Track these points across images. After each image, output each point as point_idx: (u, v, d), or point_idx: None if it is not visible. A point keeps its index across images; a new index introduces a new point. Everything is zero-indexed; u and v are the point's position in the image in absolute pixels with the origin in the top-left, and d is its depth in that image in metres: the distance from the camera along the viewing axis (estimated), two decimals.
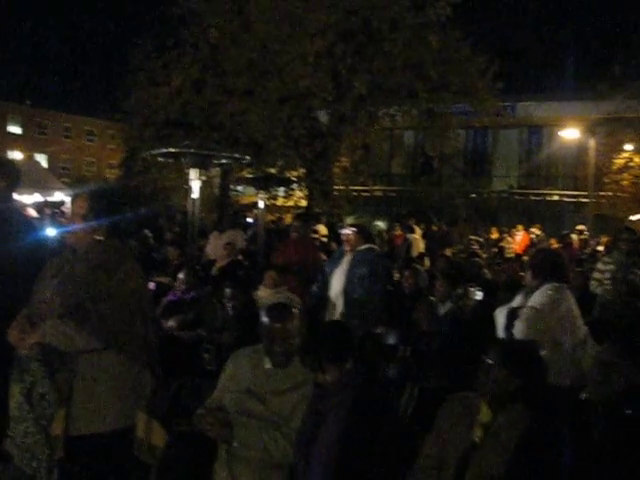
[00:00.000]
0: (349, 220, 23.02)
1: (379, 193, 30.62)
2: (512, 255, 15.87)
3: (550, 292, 4.52)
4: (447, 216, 23.30)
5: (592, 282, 7.61)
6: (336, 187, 21.70)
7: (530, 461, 3.05)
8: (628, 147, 27.36)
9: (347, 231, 6.43)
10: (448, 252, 13.33)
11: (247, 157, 11.31)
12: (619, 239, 7.71)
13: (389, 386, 4.39)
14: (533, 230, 21.74)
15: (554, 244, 20.20)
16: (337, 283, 6.22)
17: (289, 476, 3.49)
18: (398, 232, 17.09)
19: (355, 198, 24.77)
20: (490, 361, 3.25)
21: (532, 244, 20.17)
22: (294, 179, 19.41)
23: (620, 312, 6.61)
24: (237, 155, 11.05)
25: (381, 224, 25.71)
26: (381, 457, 3.24)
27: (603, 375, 3.39)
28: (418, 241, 13.65)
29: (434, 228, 17.53)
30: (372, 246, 6.42)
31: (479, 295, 5.85)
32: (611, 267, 7.37)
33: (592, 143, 25.21)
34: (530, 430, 3.14)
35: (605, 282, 7.26)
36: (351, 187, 23.05)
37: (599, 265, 7.84)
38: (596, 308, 7.07)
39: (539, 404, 3.23)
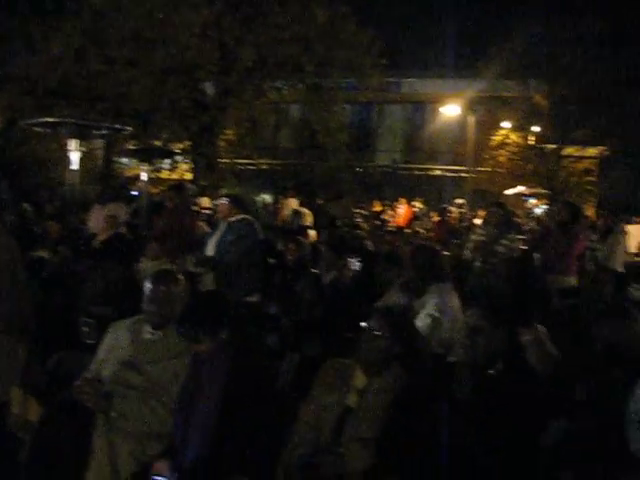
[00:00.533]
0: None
1: (265, 166, 30.61)
2: (394, 228, 16.34)
3: (437, 300, 4.77)
4: (332, 189, 23.61)
5: (465, 251, 8.06)
6: (221, 160, 21.56)
7: (404, 422, 3.20)
8: (505, 125, 28.51)
9: (221, 201, 6.51)
10: (334, 224, 13.66)
11: (128, 128, 11.09)
12: (489, 213, 8.15)
13: (269, 354, 4.48)
14: (415, 203, 22.52)
15: (435, 217, 21.09)
16: (210, 252, 6.29)
17: (168, 445, 3.52)
18: (285, 204, 17.33)
19: (241, 171, 24.72)
20: (369, 328, 3.39)
21: (415, 217, 20.97)
22: (178, 151, 19.16)
23: (489, 280, 6.98)
24: (118, 126, 10.81)
25: (267, 197, 25.80)
26: (259, 424, 3.31)
27: (469, 338, 3.60)
28: (307, 214, 13.82)
29: (319, 201, 17.76)
30: (246, 216, 6.47)
31: (356, 265, 6.04)
32: (482, 238, 7.79)
33: (471, 120, 26.07)
34: (404, 393, 3.30)
35: (476, 252, 7.67)
36: (237, 160, 22.98)
37: (473, 236, 8.31)
38: (469, 276, 7.45)
39: (413, 368, 3.39)
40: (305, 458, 3.25)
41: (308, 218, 13.62)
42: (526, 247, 7.62)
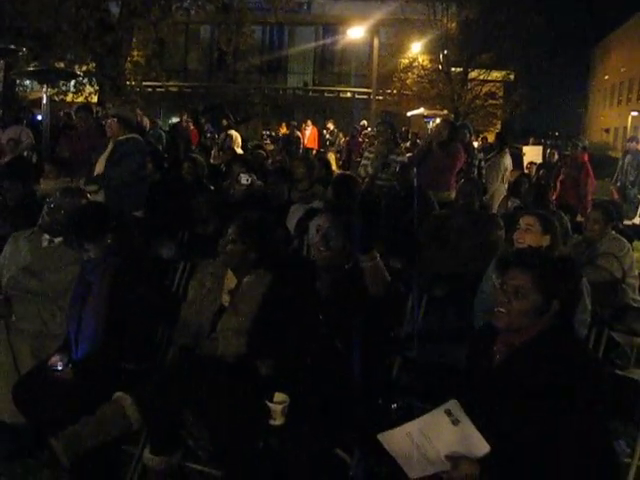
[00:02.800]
0: None
1: (174, 89, 30.19)
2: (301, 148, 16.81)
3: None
4: (243, 112, 23.66)
5: (359, 169, 8.56)
6: (129, 82, 21.23)
7: (269, 315, 3.67)
8: (415, 48, 28.87)
9: (110, 121, 6.62)
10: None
11: (24, 49, 10.82)
12: (378, 131, 8.62)
13: (159, 262, 4.83)
14: (328, 125, 22.89)
15: (343, 137, 21.64)
16: (99, 169, 6.50)
17: (63, 342, 3.90)
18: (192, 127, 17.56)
19: (149, 94, 24.41)
20: (231, 236, 3.81)
21: (326, 139, 21.75)
22: (81, 74, 18.77)
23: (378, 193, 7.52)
24: (13, 47, 10.57)
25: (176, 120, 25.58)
26: (146, 319, 3.74)
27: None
28: (237, 137, 13.96)
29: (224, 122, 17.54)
30: (134, 136, 6.62)
31: (245, 179, 6.41)
32: (372, 155, 8.29)
33: (377, 42, 26.34)
34: (271, 290, 3.76)
35: (368, 168, 8.18)
36: (145, 83, 22.65)
37: (365, 153, 8.95)
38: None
39: (277, 269, 3.84)
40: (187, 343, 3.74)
41: (238, 140, 13.87)
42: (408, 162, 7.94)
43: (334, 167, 14.12)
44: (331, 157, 15.73)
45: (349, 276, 3.63)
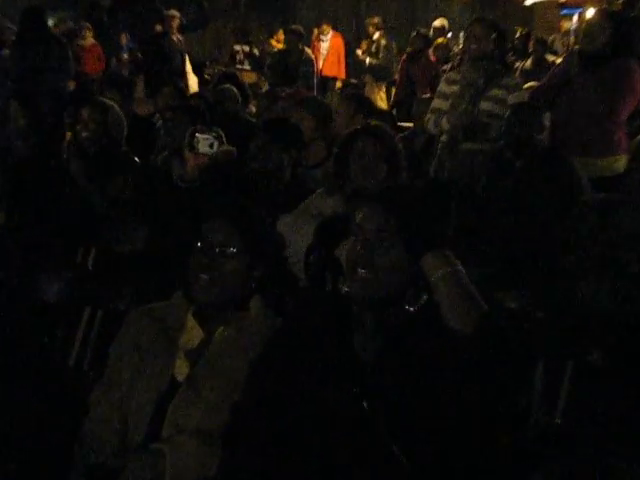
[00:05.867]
0: None
1: None
2: None
3: None
4: (193, 5, 19.05)
5: (425, 118, 6.48)
6: None
7: (272, 403, 1.94)
8: None
9: None
10: None
11: None
12: (466, 38, 5.09)
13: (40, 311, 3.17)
14: (370, 28, 12.75)
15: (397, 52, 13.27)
16: None
17: None
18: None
19: None
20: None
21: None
22: None
23: None
24: None
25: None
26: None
27: None
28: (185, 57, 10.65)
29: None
30: None
31: (207, 143, 4.71)
32: (454, 90, 4.79)
33: None
34: (271, 352, 2.05)
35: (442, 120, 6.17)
36: None
37: (441, 86, 5.78)
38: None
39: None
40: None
41: (186, 63, 10.12)
42: None
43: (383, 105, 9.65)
44: (377, 93, 10.22)
45: (416, 321, 1.87)
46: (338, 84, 10.92)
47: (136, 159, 3.71)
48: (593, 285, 2.23)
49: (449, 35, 11.20)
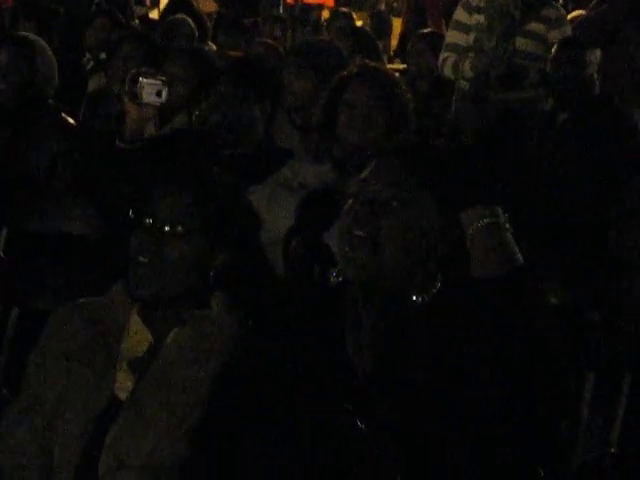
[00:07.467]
0: None
1: None
2: None
3: None
4: None
5: (444, 61, 6.12)
6: None
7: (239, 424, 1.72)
8: None
9: None
10: None
11: None
12: None
13: None
14: None
15: None
16: None
17: None
18: None
19: None
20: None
21: None
22: None
23: None
24: None
25: None
26: None
27: None
28: None
29: None
30: None
31: (152, 90, 4.27)
32: (482, 23, 4.73)
33: None
34: (241, 359, 1.84)
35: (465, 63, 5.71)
36: None
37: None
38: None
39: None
40: None
41: None
42: None
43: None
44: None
45: (426, 315, 1.52)
46: (325, 14, 9.21)
47: (69, 119, 3.06)
48: None
49: None
